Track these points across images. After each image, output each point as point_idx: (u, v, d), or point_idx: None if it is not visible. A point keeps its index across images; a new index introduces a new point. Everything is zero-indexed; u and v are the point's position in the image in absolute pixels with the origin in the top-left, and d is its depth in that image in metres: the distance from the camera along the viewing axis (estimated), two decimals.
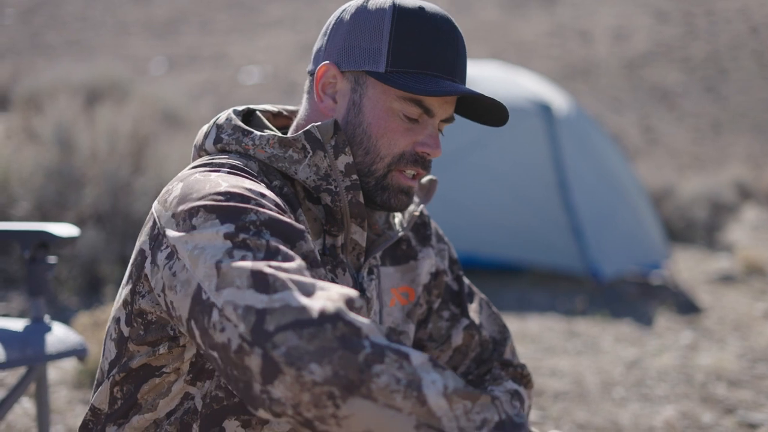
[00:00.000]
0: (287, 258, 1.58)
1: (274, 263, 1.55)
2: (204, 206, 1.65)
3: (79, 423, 2.77)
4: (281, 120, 2.06)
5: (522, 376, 2.22)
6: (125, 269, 1.83)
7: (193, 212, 1.65)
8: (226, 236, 1.59)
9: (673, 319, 7.28)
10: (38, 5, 45.80)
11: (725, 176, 14.82)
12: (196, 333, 1.56)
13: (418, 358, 1.47)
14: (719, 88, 37.51)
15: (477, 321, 2.20)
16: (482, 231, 8.15)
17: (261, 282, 1.52)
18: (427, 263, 2.14)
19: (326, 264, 1.90)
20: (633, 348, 6.38)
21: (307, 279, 1.54)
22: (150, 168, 6.71)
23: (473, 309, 2.21)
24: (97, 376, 1.88)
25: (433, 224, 2.22)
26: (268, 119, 2.02)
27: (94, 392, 1.87)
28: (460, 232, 7.94)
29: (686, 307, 7.74)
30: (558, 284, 8.04)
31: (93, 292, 6.36)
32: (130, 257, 1.68)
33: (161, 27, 44.19)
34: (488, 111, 1.94)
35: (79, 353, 2.89)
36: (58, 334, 2.91)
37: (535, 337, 6.51)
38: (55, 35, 41.60)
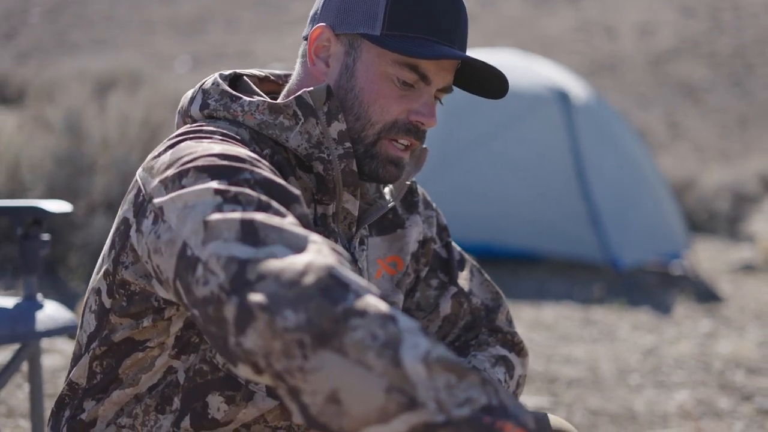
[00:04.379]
0: (279, 213, 1.50)
1: (265, 215, 1.48)
2: (195, 167, 1.58)
3: None
4: (268, 85, 1.99)
5: (513, 343, 2.15)
6: None
7: (183, 173, 1.59)
8: (217, 192, 1.52)
9: (692, 307, 7.18)
10: (64, 4, 46.05)
11: (749, 168, 14.67)
12: (182, 292, 1.49)
13: (406, 321, 1.35)
14: (745, 83, 37.23)
15: (467, 288, 2.13)
16: (500, 220, 8.08)
17: (249, 234, 1.45)
18: (415, 231, 2.07)
19: (318, 234, 1.83)
20: (650, 336, 6.29)
21: (300, 230, 1.46)
22: None
23: (464, 276, 2.14)
24: (74, 349, 1.82)
25: (421, 191, 2.15)
26: (254, 84, 1.95)
27: (72, 366, 1.81)
28: (478, 221, 7.87)
29: (706, 296, 7.64)
30: (575, 273, 7.96)
31: None
32: None
33: (187, 25, 44.32)
34: (488, 82, 1.86)
35: (71, 331, 2.84)
36: (50, 312, 2.87)
37: (550, 325, 6.44)
38: (81, 34, 41.80)
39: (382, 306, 1.36)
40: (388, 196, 2.00)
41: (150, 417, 1.74)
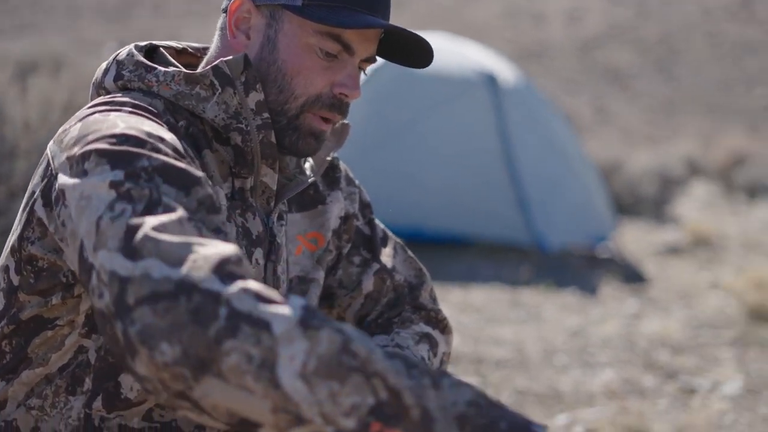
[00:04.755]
0: (168, 209, 1.47)
1: (150, 219, 1.44)
2: (96, 150, 1.55)
3: None
4: (186, 57, 1.95)
5: (437, 320, 2.14)
6: None
7: (86, 155, 1.55)
8: (112, 185, 1.49)
9: (619, 288, 7.25)
10: None
11: (675, 152, 14.86)
12: (86, 293, 1.47)
13: (282, 324, 1.31)
14: (671, 69, 37.74)
15: (390, 265, 2.12)
16: (428, 204, 8.09)
17: (129, 245, 1.41)
18: (336, 207, 2.05)
19: (236, 208, 1.80)
20: (577, 317, 6.35)
21: (180, 239, 1.42)
22: None
23: (387, 253, 2.13)
24: None
25: (343, 167, 2.12)
26: (171, 56, 1.91)
27: None
28: (406, 205, 7.87)
29: (632, 277, 7.73)
30: (504, 256, 8.00)
31: None
32: None
33: (114, 11, 43.77)
34: (413, 51, 1.84)
35: None
36: None
37: (479, 307, 6.46)
38: (6, 19, 41.08)
39: (257, 311, 1.33)
40: (308, 172, 1.97)
41: (60, 398, 1.71)
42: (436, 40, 9.24)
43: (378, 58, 1.88)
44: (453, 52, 8.87)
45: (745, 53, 39.08)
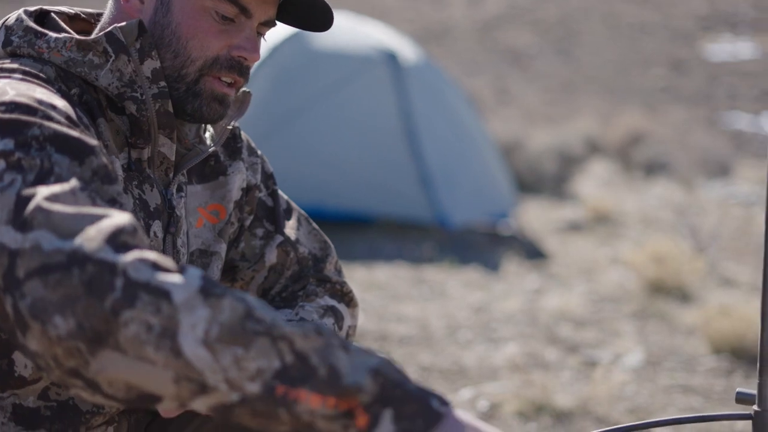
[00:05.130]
0: (61, 179, 1.42)
1: (42, 189, 1.39)
2: None
3: None
4: (79, 23, 1.88)
5: (343, 293, 2.11)
6: None
7: None
8: (1, 155, 1.44)
9: (521, 264, 7.31)
10: None
11: (574, 131, 15.05)
12: None
13: (182, 292, 1.28)
14: (570, 50, 38.19)
15: (294, 237, 2.08)
16: (330, 182, 8.06)
17: (19, 216, 1.37)
18: (238, 178, 2.00)
19: (132, 179, 1.75)
20: (480, 293, 6.38)
21: (73, 209, 1.37)
22: None
23: (290, 226, 2.09)
24: None
25: (245, 137, 2.07)
26: (64, 21, 1.84)
27: None
28: (308, 183, 7.83)
29: (533, 253, 7.80)
30: (406, 234, 8.00)
31: None
32: None
33: None
34: (312, 15, 1.82)
35: None
36: None
37: (382, 284, 6.46)
38: None
39: (156, 280, 1.29)
40: (208, 141, 1.92)
41: None
42: (338, 18, 9.18)
43: (278, 23, 1.84)
44: (354, 31, 8.84)
45: (641, 34, 39.77)
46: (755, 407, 1.89)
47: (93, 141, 1.52)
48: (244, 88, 1.92)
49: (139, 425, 1.93)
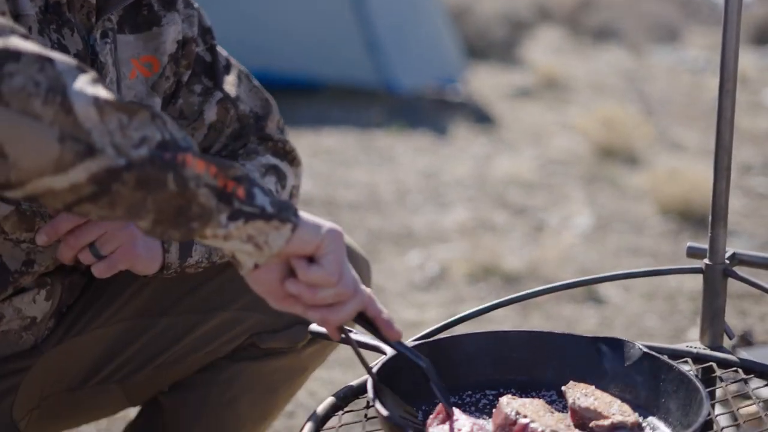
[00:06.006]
0: None
1: None
2: None
3: None
4: None
5: (285, 152, 2.04)
6: None
7: None
8: None
9: (470, 129, 7.25)
10: None
11: None
12: None
13: (62, 63, 1.23)
14: None
15: (234, 94, 2.00)
16: (276, 47, 7.89)
17: None
18: (173, 30, 1.90)
19: (50, 23, 1.65)
20: (429, 158, 6.33)
21: None
22: None
23: (230, 82, 2.00)
24: None
25: None
26: None
27: None
28: (252, 47, 7.64)
29: (483, 119, 7.74)
30: (355, 99, 7.89)
31: None
32: None
33: None
34: None
35: None
36: None
37: (330, 150, 6.38)
38: None
39: (34, 47, 1.23)
40: None
41: None
42: None
43: None
44: None
45: None
46: (706, 261, 1.86)
47: None
48: None
49: (73, 288, 1.87)
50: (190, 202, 1.27)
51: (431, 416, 1.49)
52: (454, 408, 1.48)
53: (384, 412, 1.42)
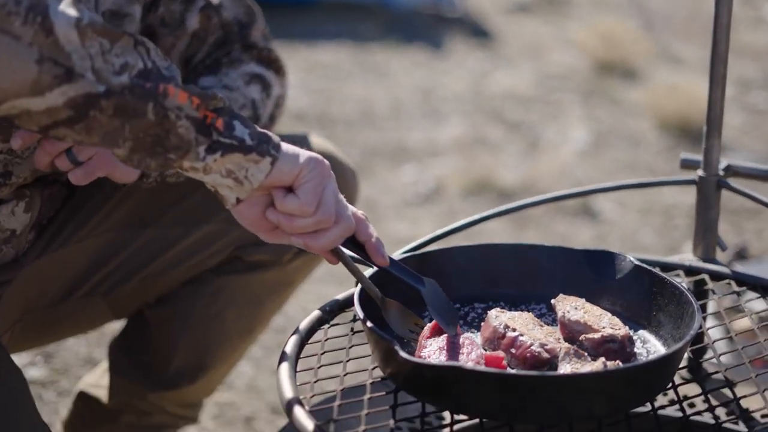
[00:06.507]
0: None
1: None
2: None
3: None
4: None
5: (270, 60, 1.99)
6: None
7: None
8: None
9: (467, 44, 7.15)
10: None
11: None
12: None
13: None
14: None
15: (217, 1, 1.94)
16: None
17: None
18: None
19: None
20: (425, 73, 6.25)
21: None
22: None
23: None
24: None
25: None
26: None
27: None
28: None
29: (481, 34, 7.62)
30: (350, 14, 7.76)
31: None
32: None
33: None
34: None
35: None
36: None
37: (325, 64, 6.29)
38: None
39: None
40: None
41: None
42: None
43: None
44: None
45: None
46: (700, 172, 1.82)
47: None
48: None
49: (53, 200, 1.83)
50: (168, 133, 1.26)
51: (428, 327, 1.47)
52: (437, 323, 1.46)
53: (369, 323, 1.39)
